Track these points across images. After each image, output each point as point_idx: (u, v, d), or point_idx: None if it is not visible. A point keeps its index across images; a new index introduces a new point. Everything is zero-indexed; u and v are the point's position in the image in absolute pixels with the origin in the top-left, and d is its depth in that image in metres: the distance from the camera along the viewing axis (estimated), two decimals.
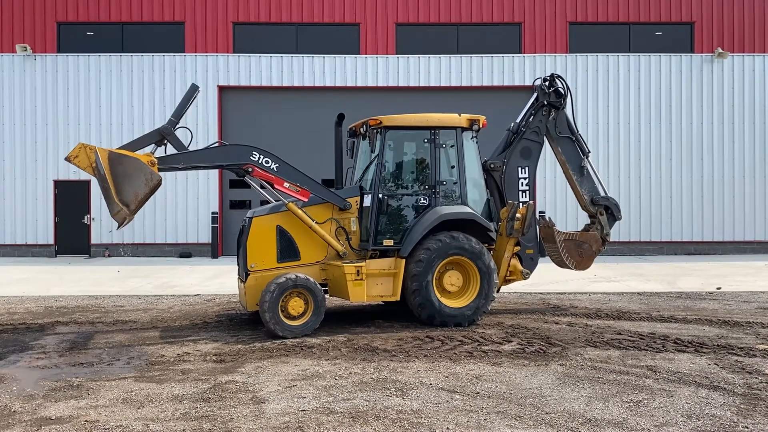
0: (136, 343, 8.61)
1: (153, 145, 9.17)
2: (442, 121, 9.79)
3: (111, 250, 21.53)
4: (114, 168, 8.41)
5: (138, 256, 21.42)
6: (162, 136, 9.12)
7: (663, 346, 8.09)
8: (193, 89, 9.43)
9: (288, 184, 9.27)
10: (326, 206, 9.56)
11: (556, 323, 9.71)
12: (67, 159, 8.52)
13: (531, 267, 10.54)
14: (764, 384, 6.49)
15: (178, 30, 22.02)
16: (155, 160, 8.65)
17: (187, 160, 9.10)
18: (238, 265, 9.92)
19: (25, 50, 21.42)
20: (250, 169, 9.13)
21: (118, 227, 8.72)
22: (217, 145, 10.04)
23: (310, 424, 5.48)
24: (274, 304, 8.69)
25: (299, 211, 9.25)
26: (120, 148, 8.89)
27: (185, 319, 10.33)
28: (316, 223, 9.34)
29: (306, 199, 9.38)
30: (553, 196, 21.36)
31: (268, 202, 10.04)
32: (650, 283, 14.44)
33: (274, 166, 9.24)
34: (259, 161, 9.17)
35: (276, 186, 9.27)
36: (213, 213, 21.44)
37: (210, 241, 21.44)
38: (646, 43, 22.42)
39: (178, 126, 9.17)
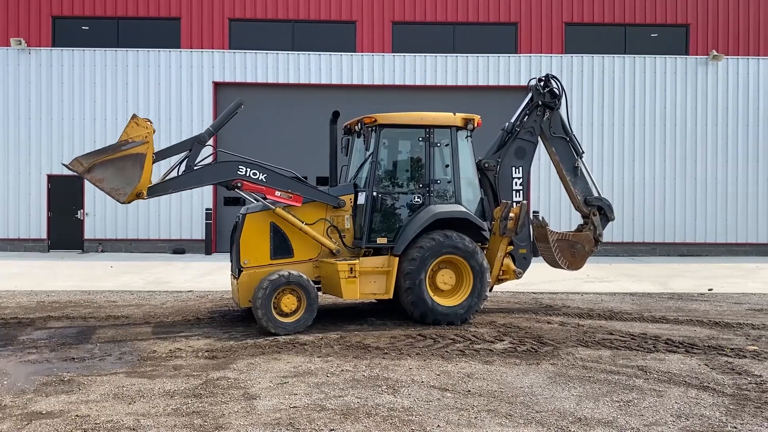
0: (128, 339, 8.60)
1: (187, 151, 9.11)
2: (436, 120, 9.80)
3: (100, 246, 21.47)
4: (129, 159, 8.36)
5: (131, 252, 21.37)
6: (195, 144, 9.06)
7: (654, 347, 8.13)
8: (237, 105, 9.38)
9: (279, 193, 9.25)
10: (318, 205, 9.56)
11: (548, 323, 9.74)
12: (135, 115, 8.52)
13: (524, 266, 10.56)
14: (753, 385, 6.53)
15: (174, 25, 21.96)
16: (145, 191, 8.61)
17: (176, 186, 9.08)
18: (231, 261, 9.91)
19: (20, 44, 21.33)
20: (239, 184, 9.11)
21: (67, 163, 8.48)
22: (210, 160, 9.81)
23: (302, 420, 5.48)
24: (267, 301, 8.69)
25: (288, 215, 9.25)
26: (157, 152, 8.83)
27: (178, 315, 10.32)
28: (306, 224, 9.34)
29: (299, 204, 9.36)
30: (547, 196, 21.40)
31: None
32: (642, 284, 14.49)
33: (262, 177, 9.20)
34: (247, 175, 9.13)
35: (268, 196, 9.23)
36: (207, 209, 21.41)
37: (203, 238, 21.42)
38: (642, 45, 22.47)
39: (207, 144, 9.15)
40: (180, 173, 9.04)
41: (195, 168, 9.06)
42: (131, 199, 8.55)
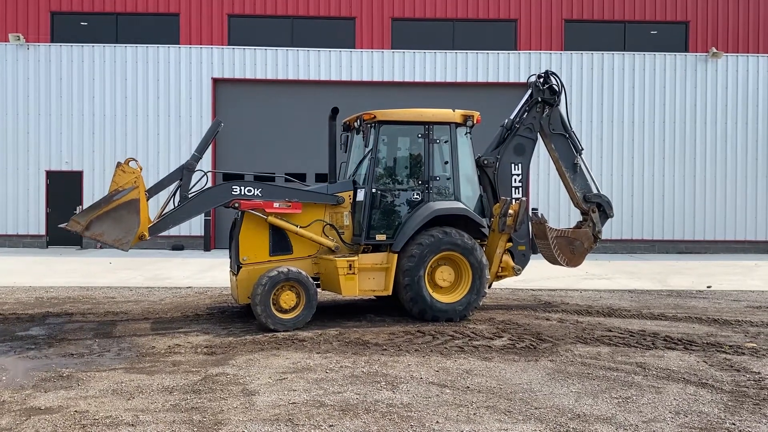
0: (126, 335, 8.60)
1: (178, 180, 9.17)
2: (436, 117, 9.79)
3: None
4: (123, 207, 8.41)
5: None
6: (185, 172, 9.11)
7: (653, 344, 8.14)
8: (217, 124, 9.39)
9: (278, 204, 9.24)
10: (314, 205, 9.54)
11: (547, 319, 9.74)
12: (119, 163, 8.55)
13: (523, 263, 10.55)
14: (752, 382, 6.54)
15: (173, 21, 21.93)
16: (146, 233, 8.65)
17: (174, 220, 9.07)
18: (231, 258, 9.91)
19: (18, 39, 21.29)
20: (237, 204, 9.12)
21: (64, 225, 8.54)
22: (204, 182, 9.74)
23: (300, 416, 5.49)
24: (266, 298, 8.69)
25: (281, 222, 9.25)
26: (149, 189, 8.85)
27: (177, 311, 10.32)
28: (301, 226, 9.34)
29: (300, 211, 9.35)
30: (546, 193, 21.41)
31: None
32: (641, 281, 14.50)
33: (257, 192, 9.22)
34: (242, 194, 9.15)
35: (267, 209, 9.21)
36: None
37: (202, 234, 21.41)
38: (641, 42, 22.48)
39: (197, 167, 9.22)
40: (176, 204, 9.06)
41: (190, 196, 9.09)
42: (135, 243, 8.58)
